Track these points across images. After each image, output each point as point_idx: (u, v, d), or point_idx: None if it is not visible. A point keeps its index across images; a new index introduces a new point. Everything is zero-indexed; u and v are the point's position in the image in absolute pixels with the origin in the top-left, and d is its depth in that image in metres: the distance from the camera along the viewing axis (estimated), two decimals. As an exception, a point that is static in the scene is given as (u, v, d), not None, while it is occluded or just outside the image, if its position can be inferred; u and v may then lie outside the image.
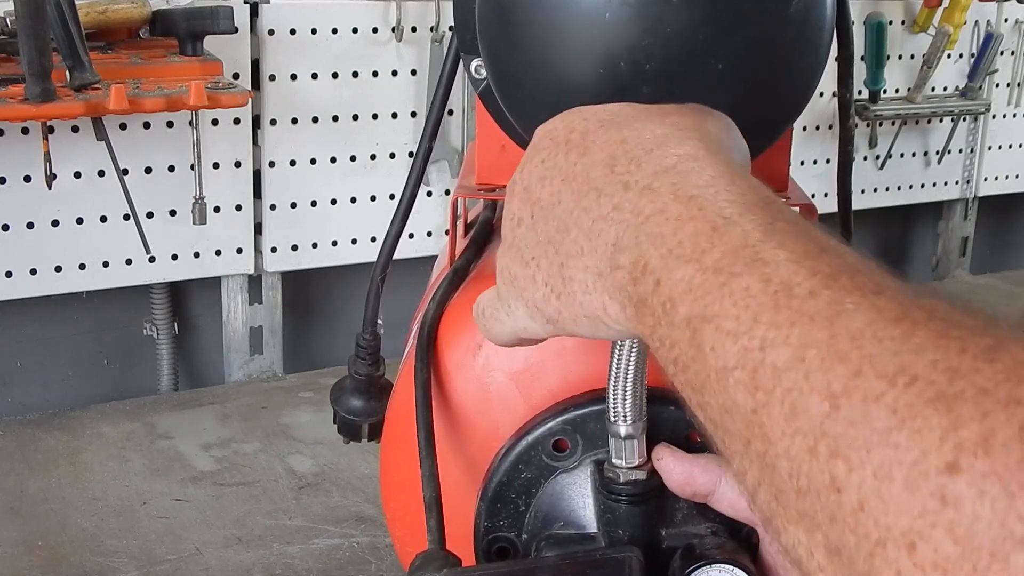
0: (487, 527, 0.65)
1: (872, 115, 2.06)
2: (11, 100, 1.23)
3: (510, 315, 0.52)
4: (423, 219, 1.75)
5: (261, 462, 1.40)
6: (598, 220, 0.45)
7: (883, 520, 0.30)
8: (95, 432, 1.47)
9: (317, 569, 1.16)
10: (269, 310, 1.73)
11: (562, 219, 0.47)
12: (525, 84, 0.61)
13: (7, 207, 1.48)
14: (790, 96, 0.60)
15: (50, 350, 1.65)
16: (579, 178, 0.47)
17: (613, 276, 0.44)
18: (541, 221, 0.49)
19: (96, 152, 1.44)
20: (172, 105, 1.33)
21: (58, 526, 1.23)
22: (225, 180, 1.61)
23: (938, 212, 2.36)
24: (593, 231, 0.45)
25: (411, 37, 1.69)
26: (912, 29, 2.09)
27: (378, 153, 1.71)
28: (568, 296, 0.47)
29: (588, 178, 0.46)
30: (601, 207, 0.45)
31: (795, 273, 0.36)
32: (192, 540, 1.21)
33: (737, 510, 0.56)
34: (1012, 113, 2.28)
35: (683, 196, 0.42)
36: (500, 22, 0.60)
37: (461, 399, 0.67)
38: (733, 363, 0.36)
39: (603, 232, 0.45)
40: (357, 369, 0.87)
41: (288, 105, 1.63)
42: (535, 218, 0.49)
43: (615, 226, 0.44)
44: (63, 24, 1.22)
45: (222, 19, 1.42)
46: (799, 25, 0.57)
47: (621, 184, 0.45)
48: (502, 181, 0.73)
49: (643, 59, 0.55)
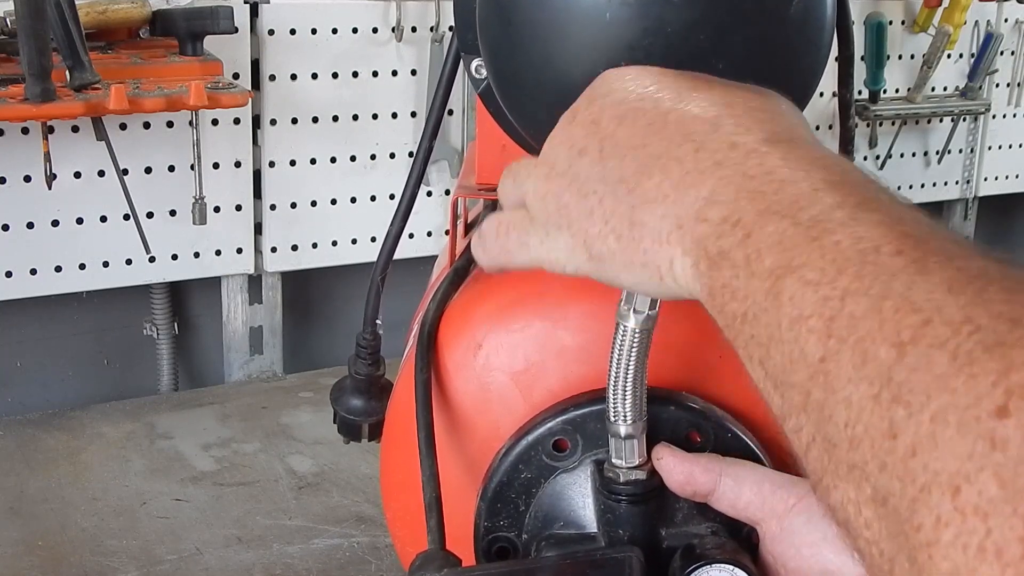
0: (487, 527, 0.65)
1: (872, 115, 2.06)
2: (11, 100, 1.23)
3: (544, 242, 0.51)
4: (423, 219, 1.75)
5: (261, 462, 1.40)
6: (692, 172, 0.45)
7: (932, 464, 0.31)
8: (95, 432, 1.47)
9: (317, 569, 1.16)
10: (269, 310, 1.73)
11: (645, 163, 0.46)
12: (526, 84, 0.61)
13: (7, 207, 1.48)
14: (790, 96, 0.60)
15: (50, 350, 1.65)
16: (673, 128, 0.46)
17: (695, 228, 0.44)
18: (614, 158, 0.48)
19: (96, 152, 1.44)
20: (172, 105, 1.33)
21: (58, 526, 1.23)
22: (225, 180, 1.61)
23: (938, 212, 2.36)
24: (684, 182, 0.45)
25: (411, 37, 1.69)
26: (912, 29, 2.09)
27: (378, 153, 1.71)
28: (631, 240, 0.47)
29: (685, 130, 0.46)
30: (699, 160, 0.45)
31: (885, 235, 0.37)
32: (192, 540, 1.21)
33: (737, 510, 0.56)
34: (1012, 113, 2.29)
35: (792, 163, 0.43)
36: (501, 22, 0.60)
37: (461, 399, 0.67)
38: (809, 311, 0.37)
39: (696, 184, 0.44)
40: (357, 369, 0.87)
41: (288, 105, 1.63)
42: (604, 152, 0.48)
43: (712, 180, 0.44)
44: (63, 24, 1.22)
45: (222, 19, 1.42)
46: (799, 25, 0.57)
47: (727, 143, 0.45)
48: (502, 181, 0.73)
49: (644, 59, 0.55)
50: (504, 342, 0.66)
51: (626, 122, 0.48)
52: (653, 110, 0.48)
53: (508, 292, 0.68)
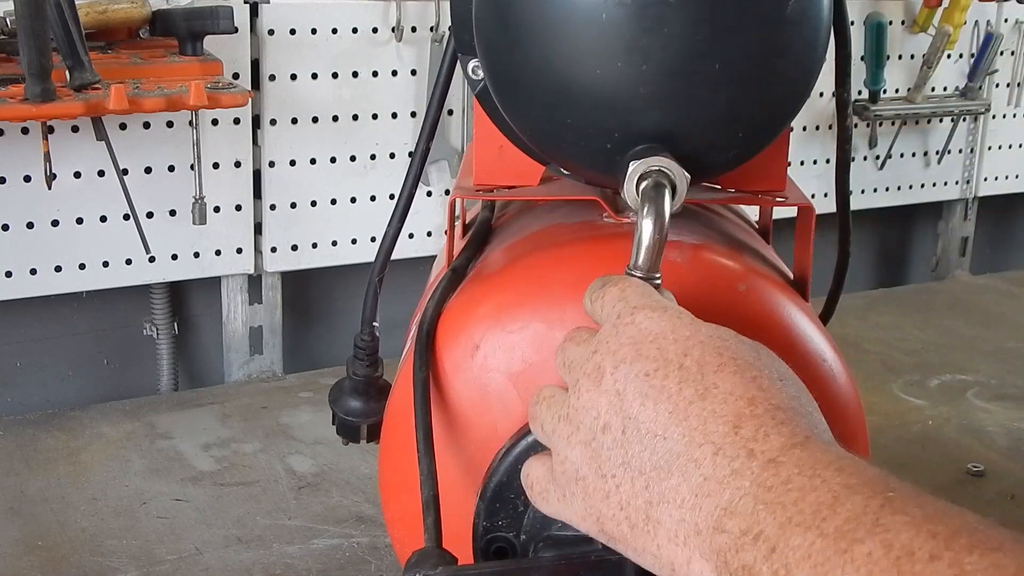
0: (486, 527, 0.65)
1: (872, 115, 2.06)
2: (11, 100, 1.23)
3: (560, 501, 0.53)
4: (422, 219, 1.75)
5: (261, 462, 1.40)
6: (711, 480, 0.45)
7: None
8: (95, 432, 1.47)
9: (317, 569, 1.16)
10: (269, 310, 1.73)
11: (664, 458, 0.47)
12: (523, 85, 0.61)
13: (7, 207, 1.48)
14: (787, 96, 0.61)
15: (50, 350, 1.65)
16: (693, 422, 0.46)
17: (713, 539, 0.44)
18: (636, 443, 0.48)
19: (96, 152, 1.44)
20: (172, 105, 1.33)
21: (58, 526, 1.23)
22: (225, 180, 1.61)
23: (938, 212, 2.36)
24: (703, 489, 0.45)
25: (411, 37, 1.69)
26: (912, 29, 2.09)
27: (378, 153, 1.71)
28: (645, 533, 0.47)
29: (705, 430, 0.46)
30: (717, 468, 0.45)
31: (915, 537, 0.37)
32: (192, 540, 1.21)
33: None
34: (1012, 113, 2.28)
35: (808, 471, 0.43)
36: (497, 23, 0.60)
37: (459, 400, 0.67)
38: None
39: (713, 493, 0.45)
40: (355, 370, 0.87)
41: (288, 105, 1.63)
42: (627, 435, 0.48)
43: (731, 490, 0.44)
44: (63, 24, 1.22)
45: (222, 19, 1.42)
46: (796, 25, 0.57)
47: (745, 451, 0.45)
48: (500, 182, 0.73)
49: (640, 60, 0.55)
50: (502, 343, 0.66)
51: (648, 403, 0.48)
52: (677, 395, 0.48)
53: (506, 293, 0.68)
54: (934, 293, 2.18)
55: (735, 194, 0.73)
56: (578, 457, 0.50)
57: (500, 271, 0.71)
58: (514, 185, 0.72)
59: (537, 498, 0.55)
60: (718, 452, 0.45)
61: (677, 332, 0.50)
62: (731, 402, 0.47)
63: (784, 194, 0.73)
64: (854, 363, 0.74)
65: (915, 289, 2.30)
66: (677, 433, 0.47)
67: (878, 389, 1.64)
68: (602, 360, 0.50)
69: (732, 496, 0.44)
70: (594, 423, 0.50)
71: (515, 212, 0.80)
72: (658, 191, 0.56)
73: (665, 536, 0.46)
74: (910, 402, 1.61)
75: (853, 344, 1.80)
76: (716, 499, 0.44)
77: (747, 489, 0.43)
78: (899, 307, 2.04)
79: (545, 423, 0.54)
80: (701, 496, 0.45)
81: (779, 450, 0.44)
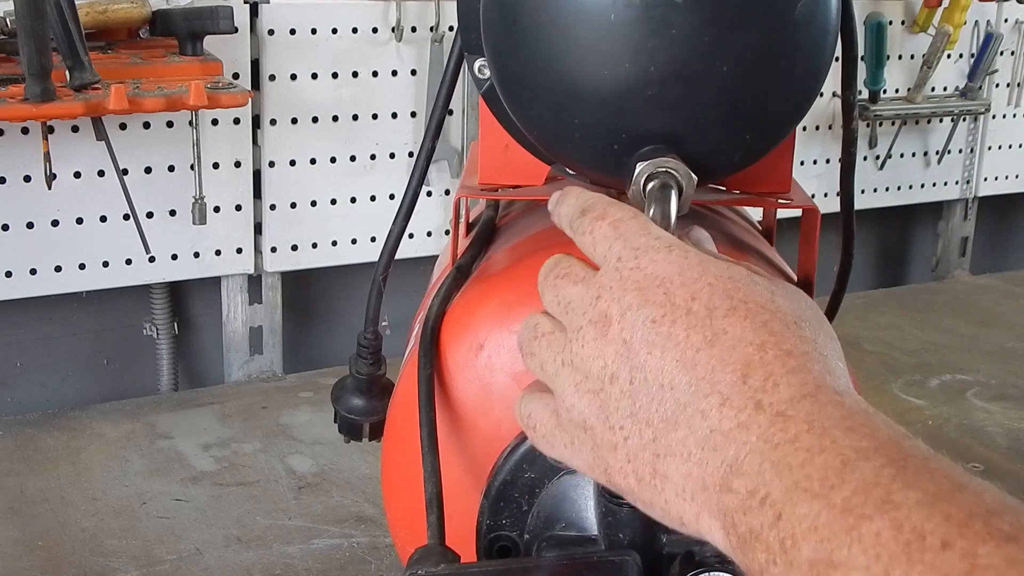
0: (490, 525, 0.65)
1: (872, 115, 2.06)
2: (11, 100, 1.23)
3: (570, 449, 0.51)
4: (423, 219, 1.75)
5: (261, 462, 1.39)
6: (717, 432, 0.43)
7: None
8: (95, 432, 1.47)
9: (317, 569, 1.16)
10: (269, 310, 1.73)
11: (672, 410, 0.45)
12: (529, 84, 0.60)
13: (7, 207, 1.48)
14: (795, 98, 0.60)
15: (50, 350, 1.65)
16: (701, 370, 0.45)
17: (720, 497, 0.43)
18: (643, 394, 0.46)
19: (96, 152, 1.44)
20: (172, 105, 1.33)
21: (58, 526, 1.23)
22: (225, 180, 1.61)
23: (938, 212, 2.36)
24: (709, 442, 0.43)
25: (411, 37, 1.69)
26: (912, 29, 2.09)
27: (378, 153, 1.71)
28: (652, 487, 0.46)
29: (713, 379, 0.44)
30: (724, 419, 0.43)
31: (927, 518, 0.36)
32: (192, 540, 1.21)
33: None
34: (1012, 113, 2.29)
35: (817, 427, 0.41)
36: (505, 22, 0.60)
37: (463, 399, 0.67)
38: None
39: (720, 447, 0.43)
40: (359, 368, 0.87)
41: (288, 105, 1.63)
42: (635, 385, 0.46)
43: (736, 445, 0.42)
44: (63, 24, 1.22)
45: (222, 19, 1.42)
46: (804, 27, 0.57)
47: (753, 402, 0.43)
48: (505, 181, 0.73)
49: (648, 60, 0.55)
50: (506, 342, 0.66)
51: (655, 351, 0.46)
52: (685, 342, 0.46)
53: (510, 292, 0.68)
54: (934, 293, 2.18)
55: (740, 195, 0.73)
56: (586, 406, 0.49)
57: (505, 270, 0.71)
58: (519, 184, 0.72)
59: (540, 441, 0.53)
60: (725, 403, 0.43)
61: (684, 274, 0.47)
62: (740, 348, 0.44)
63: (789, 196, 0.73)
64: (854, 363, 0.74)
65: (915, 289, 2.30)
66: (684, 382, 0.45)
67: (878, 389, 1.64)
68: (608, 307, 0.48)
69: (738, 451, 0.42)
70: (602, 372, 0.48)
71: (520, 211, 0.80)
72: (664, 192, 0.56)
73: (672, 491, 0.45)
74: (910, 402, 1.61)
75: (853, 344, 1.80)
76: (722, 453, 0.43)
77: (753, 445, 0.42)
78: (899, 307, 2.04)
79: (546, 364, 0.51)
80: (708, 450, 0.43)
81: (788, 402, 0.42)
